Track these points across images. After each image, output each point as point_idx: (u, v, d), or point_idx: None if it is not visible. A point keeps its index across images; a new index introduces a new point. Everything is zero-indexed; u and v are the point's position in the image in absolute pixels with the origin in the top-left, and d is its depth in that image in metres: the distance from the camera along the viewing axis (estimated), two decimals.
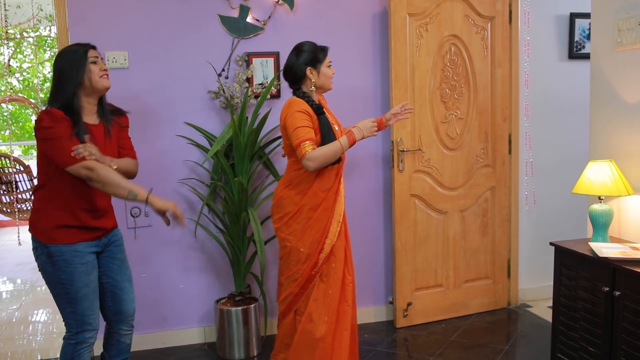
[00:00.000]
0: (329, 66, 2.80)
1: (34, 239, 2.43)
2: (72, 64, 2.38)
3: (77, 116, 2.36)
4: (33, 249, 2.45)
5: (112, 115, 2.56)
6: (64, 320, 2.47)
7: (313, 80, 2.76)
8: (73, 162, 2.29)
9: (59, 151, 2.30)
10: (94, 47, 2.47)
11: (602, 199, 2.82)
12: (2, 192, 5.64)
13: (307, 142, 2.62)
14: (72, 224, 2.40)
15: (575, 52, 4.13)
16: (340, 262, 2.81)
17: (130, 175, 2.60)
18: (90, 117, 2.45)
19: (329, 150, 2.65)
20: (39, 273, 2.45)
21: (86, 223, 2.43)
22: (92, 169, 2.31)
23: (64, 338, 2.48)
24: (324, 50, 2.80)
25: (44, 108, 2.43)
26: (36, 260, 2.45)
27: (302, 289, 2.78)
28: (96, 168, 2.31)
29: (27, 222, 2.62)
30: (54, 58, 2.46)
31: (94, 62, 2.41)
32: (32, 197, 2.51)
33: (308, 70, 2.75)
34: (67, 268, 2.38)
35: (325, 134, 2.67)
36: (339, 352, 2.77)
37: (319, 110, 2.71)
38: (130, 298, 2.65)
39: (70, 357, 2.45)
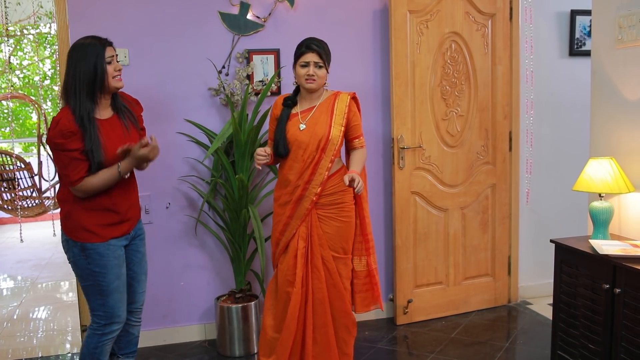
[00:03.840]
0: (303, 66, 2.75)
1: (64, 233, 2.47)
2: (87, 65, 2.34)
3: (90, 126, 2.35)
4: (63, 241, 2.49)
5: (126, 107, 2.56)
6: (91, 312, 2.51)
7: (294, 76, 2.82)
8: (73, 184, 2.35)
9: (63, 168, 2.36)
10: (110, 44, 2.43)
11: (602, 196, 2.82)
12: (3, 189, 5.63)
13: (268, 141, 2.93)
14: (103, 221, 2.44)
15: (576, 49, 4.12)
16: (287, 264, 2.80)
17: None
18: (103, 111, 2.45)
19: None
20: (40, 270, 2.49)
21: (115, 218, 2.47)
22: (77, 190, 2.37)
23: (91, 328, 2.52)
24: (302, 48, 2.76)
25: (59, 105, 2.45)
26: (66, 252, 2.50)
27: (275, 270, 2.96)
28: (81, 188, 2.36)
29: (27, 219, 2.65)
30: (68, 52, 2.40)
31: (110, 63, 2.39)
32: (57, 193, 2.53)
33: (293, 66, 2.82)
34: (101, 261, 2.43)
35: (274, 133, 2.85)
36: (281, 347, 2.78)
37: (284, 108, 2.83)
38: (143, 290, 2.74)
39: (94, 347, 2.50)
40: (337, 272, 2.82)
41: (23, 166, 5.62)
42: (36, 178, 5.71)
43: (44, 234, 6.57)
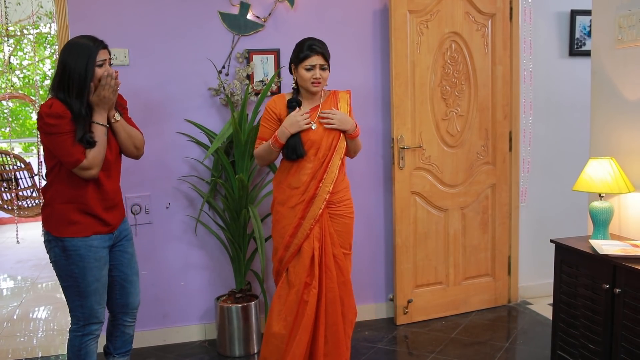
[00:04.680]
0: (309, 69, 2.72)
1: (47, 232, 2.46)
2: (78, 67, 2.33)
3: (79, 117, 2.34)
4: (45, 242, 2.48)
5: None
6: (70, 313, 2.51)
7: (294, 78, 2.80)
8: (74, 164, 2.33)
9: (60, 149, 2.33)
10: (105, 47, 2.40)
11: (602, 196, 2.82)
12: (2, 189, 5.63)
13: (258, 140, 2.86)
14: (84, 216, 2.42)
15: (576, 49, 4.12)
16: (303, 266, 2.78)
17: (136, 142, 2.58)
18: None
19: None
20: (40, 270, 2.49)
21: (97, 214, 2.44)
22: (86, 167, 2.34)
23: (70, 330, 2.51)
24: (304, 50, 2.73)
25: (48, 96, 2.42)
26: (48, 252, 2.49)
27: (276, 276, 2.93)
28: (88, 163, 2.33)
29: (27, 219, 2.65)
30: (61, 49, 2.39)
31: (100, 66, 2.37)
32: (41, 194, 2.52)
33: (292, 67, 2.81)
34: (81, 262, 2.41)
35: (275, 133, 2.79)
36: (297, 348, 2.77)
37: (289, 110, 2.79)
38: (137, 291, 2.71)
39: (78, 348, 2.50)
40: (347, 269, 2.86)
41: (23, 166, 5.63)
42: (36, 178, 5.72)
43: None
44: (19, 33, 8.43)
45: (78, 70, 2.32)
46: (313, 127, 2.77)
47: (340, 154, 2.80)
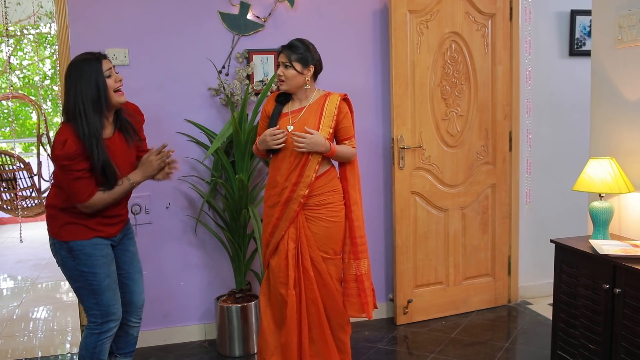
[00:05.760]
0: (279, 66, 2.77)
1: (51, 237, 2.50)
2: (90, 84, 2.32)
3: (99, 147, 2.33)
4: (51, 245, 2.51)
5: (128, 121, 2.55)
6: (87, 313, 2.53)
7: None
8: (79, 202, 2.37)
9: (69, 187, 2.36)
10: (105, 57, 2.40)
11: (602, 196, 2.82)
12: (2, 189, 5.63)
13: (257, 136, 2.89)
14: (87, 221, 2.46)
15: (576, 49, 4.12)
16: (278, 265, 2.80)
17: None
18: (106, 129, 2.43)
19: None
20: (40, 270, 2.50)
21: (102, 228, 2.49)
22: (86, 206, 2.39)
23: (87, 329, 2.53)
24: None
25: (61, 123, 2.41)
26: (55, 255, 2.51)
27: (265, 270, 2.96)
28: (90, 205, 2.39)
29: (27, 219, 2.67)
30: (65, 74, 2.37)
31: (109, 76, 2.37)
32: (45, 201, 2.57)
33: None
34: (89, 260, 2.44)
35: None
36: (288, 350, 2.79)
37: (276, 105, 2.82)
38: (141, 290, 2.74)
39: (93, 346, 2.51)
40: (327, 273, 2.81)
41: (22, 166, 5.62)
42: (35, 178, 5.71)
43: (44, 234, 6.54)
44: (19, 33, 8.42)
45: (90, 87, 2.32)
46: (290, 129, 2.74)
47: (317, 158, 2.73)
